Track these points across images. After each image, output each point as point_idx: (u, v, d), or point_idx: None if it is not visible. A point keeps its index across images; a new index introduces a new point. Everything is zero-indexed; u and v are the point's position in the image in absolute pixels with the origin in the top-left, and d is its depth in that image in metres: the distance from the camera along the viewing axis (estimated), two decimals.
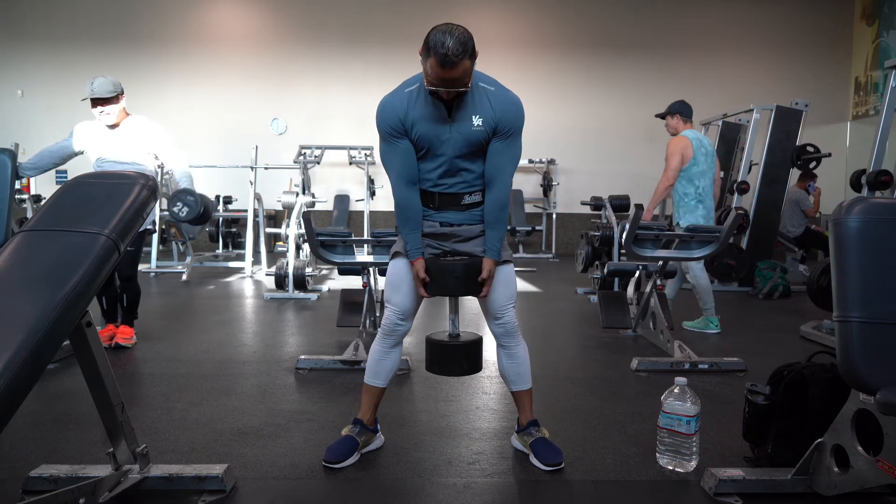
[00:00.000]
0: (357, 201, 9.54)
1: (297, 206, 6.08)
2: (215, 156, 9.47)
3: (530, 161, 9.69)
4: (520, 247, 9.65)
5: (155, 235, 7.31)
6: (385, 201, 9.62)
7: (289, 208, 6.38)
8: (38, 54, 9.80)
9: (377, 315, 3.96)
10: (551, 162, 9.78)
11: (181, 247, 7.61)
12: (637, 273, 4.53)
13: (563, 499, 1.98)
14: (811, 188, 7.13)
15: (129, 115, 3.66)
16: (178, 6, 9.88)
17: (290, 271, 5.55)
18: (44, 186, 9.21)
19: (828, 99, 9.93)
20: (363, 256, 3.64)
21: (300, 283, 5.58)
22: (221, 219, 8.94)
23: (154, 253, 7.38)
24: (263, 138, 9.21)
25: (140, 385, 3.11)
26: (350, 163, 8.41)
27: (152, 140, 3.66)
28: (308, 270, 5.67)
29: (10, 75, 9.84)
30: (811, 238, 7.16)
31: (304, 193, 6.93)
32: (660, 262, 3.78)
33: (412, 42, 9.34)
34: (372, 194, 8.37)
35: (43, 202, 2.86)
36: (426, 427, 2.51)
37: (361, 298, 3.72)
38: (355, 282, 3.94)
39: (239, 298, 5.80)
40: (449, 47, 1.81)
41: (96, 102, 3.49)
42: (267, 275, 6.82)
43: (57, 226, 1.68)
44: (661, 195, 4.45)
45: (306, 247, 6.45)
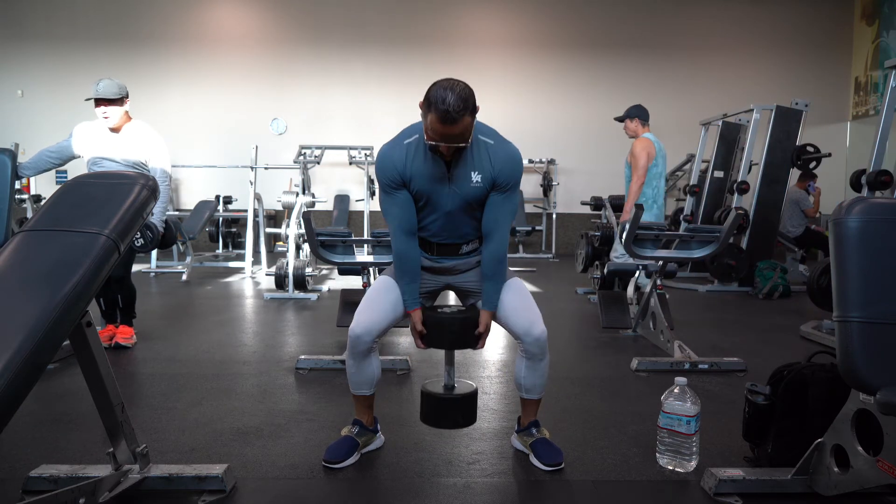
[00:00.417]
0: (357, 201, 9.53)
1: (297, 206, 6.08)
2: (215, 156, 9.49)
3: (530, 161, 9.69)
4: (520, 247, 9.65)
5: None
6: None
7: (289, 208, 6.38)
8: (38, 54, 9.80)
9: None
10: (551, 162, 9.78)
11: (181, 247, 7.61)
12: (637, 273, 4.53)
13: (563, 499, 1.98)
14: (811, 188, 7.13)
15: (132, 120, 3.65)
16: (178, 6, 9.88)
17: (290, 271, 5.56)
18: (44, 186, 9.21)
19: (828, 99, 9.93)
20: (363, 256, 3.64)
21: (300, 283, 5.58)
22: (221, 219, 8.95)
23: (154, 253, 7.38)
24: (263, 138, 9.21)
25: (140, 385, 3.11)
26: (350, 163, 8.41)
27: (149, 147, 3.63)
28: (308, 270, 5.67)
29: (10, 75, 9.84)
30: (811, 238, 7.16)
31: (304, 193, 6.92)
32: (659, 262, 3.78)
33: (412, 42, 9.38)
34: (372, 194, 8.36)
35: (43, 202, 2.86)
36: (426, 427, 2.50)
37: (361, 299, 3.71)
38: (355, 282, 3.94)
39: (239, 298, 5.80)
40: (450, 104, 1.80)
41: (99, 102, 3.49)
42: (267, 275, 6.82)
43: (57, 226, 1.68)
44: (636, 195, 4.66)
45: (306, 247, 6.45)
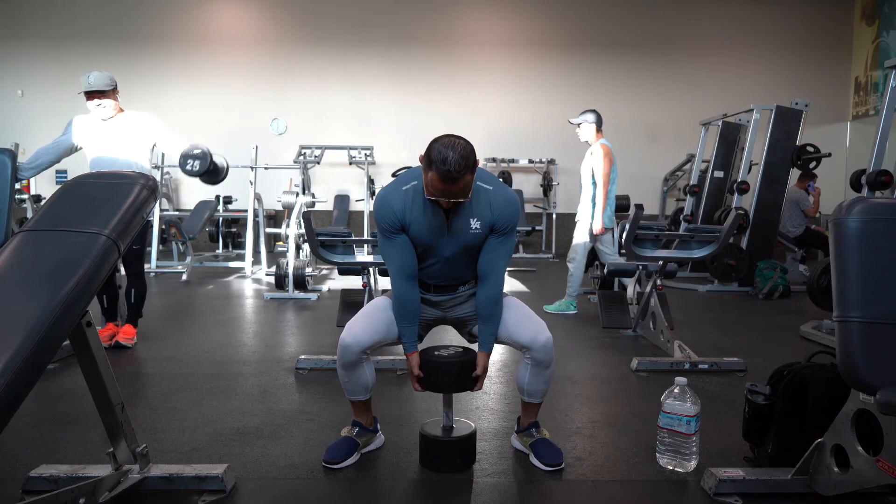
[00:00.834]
0: (357, 201, 9.54)
1: (297, 206, 6.08)
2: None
3: (530, 161, 9.70)
4: (520, 247, 9.65)
5: (155, 234, 7.32)
6: None
7: (289, 208, 6.38)
8: (38, 54, 9.80)
9: None
10: (551, 162, 9.78)
11: (181, 247, 7.61)
12: (637, 273, 4.53)
13: (563, 499, 1.98)
14: (811, 188, 7.13)
15: (124, 111, 3.66)
16: (178, 6, 9.88)
17: (290, 271, 5.55)
18: (44, 186, 9.22)
19: (828, 99, 9.93)
20: (363, 256, 3.64)
21: (300, 283, 5.58)
22: (221, 219, 8.95)
23: (154, 253, 7.38)
24: (263, 138, 9.21)
25: (140, 385, 3.11)
26: (350, 163, 8.41)
27: (149, 131, 3.66)
28: (308, 270, 5.67)
29: (10, 75, 9.84)
30: (811, 238, 7.16)
31: (304, 193, 6.92)
32: (659, 262, 3.78)
33: (412, 42, 9.35)
34: (372, 194, 8.37)
35: (43, 202, 2.86)
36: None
37: (361, 298, 3.72)
38: (355, 282, 3.94)
39: (239, 298, 5.80)
40: (451, 163, 1.81)
41: (92, 95, 3.50)
42: (267, 275, 6.82)
43: (57, 226, 1.68)
44: (605, 201, 5.00)
45: (306, 247, 6.45)
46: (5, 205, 2.99)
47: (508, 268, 2.03)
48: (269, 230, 7.87)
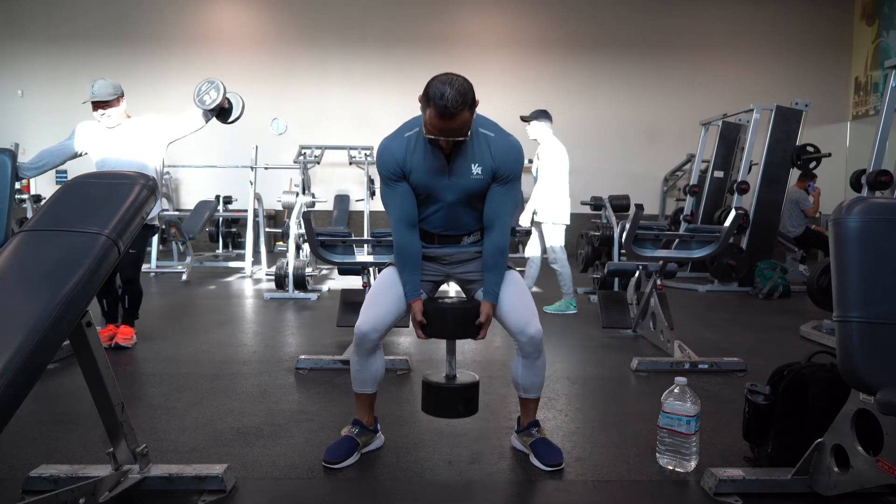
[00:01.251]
0: (357, 201, 9.53)
1: (297, 206, 6.08)
2: (215, 156, 9.47)
3: (530, 161, 9.66)
4: (520, 247, 9.64)
5: (155, 235, 7.31)
6: None
7: (289, 208, 6.38)
8: (38, 54, 9.80)
9: None
10: None
11: (181, 247, 7.61)
12: (637, 273, 4.53)
13: (563, 499, 1.98)
14: (811, 188, 7.13)
15: (130, 118, 3.66)
16: (178, 6, 9.88)
17: (290, 271, 5.56)
18: (44, 186, 9.21)
19: (828, 99, 9.92)
20: (363, 256, 3.64)
21: (300, 283, 5.58)
22: (221, 219, 8.95)
23: (154, 253, 7.38)
24: (263, 138, 9.20)
25: (140, 385, 3.11)
26: (350, 163, 8.40)
27: (159, 130, 3.65)
28: (308, 270, 5.67)
29: (10, 75, 9.84)
30: (811, 238, 7.16)
31: (304, 193, 6.92)
32: (659, 262, 3.78)
33: (412, 42, 9.35)
34: (372, 194, 8.36)
35: (43, 202, 2.86)
36: (426, 427, 2.51)
37: (361, 298, 3.71)
38: (355, 282, 3.94)
39: (239, 298, 5.80)
40: (448, 98, 1.81)
41: (97, 105, 3.49)
42: (267, 275, 6.82)
43: (57, 226, 1.68)
44: (552, 194, 5.05)
45: (306, 247, 6.45)
46: (5, 205, 2.99)
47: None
48: (269, 230, 7.86)
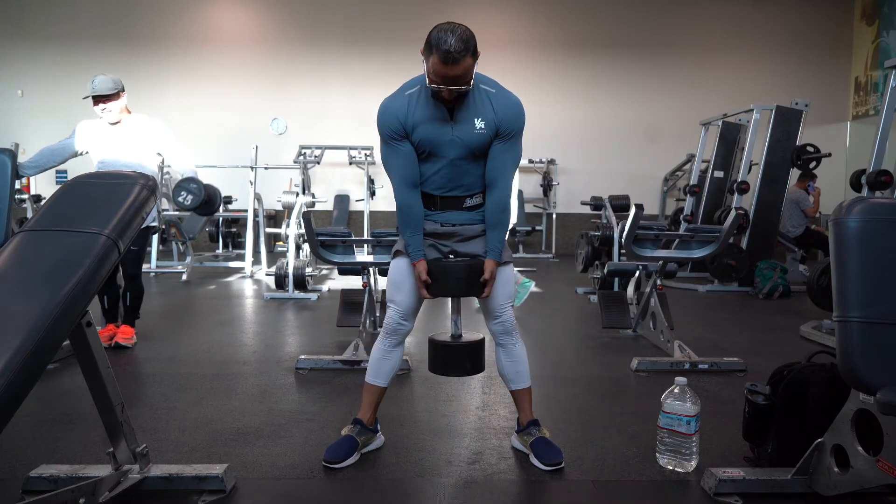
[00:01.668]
0: (357, 201, 9.53)
1: (297, 206, 6.08)
2: (215, 156, 9.45)
3: (530, 161, 9.69)
4: (520, 247, 9.65)
5: (155, 235, 7.31)
6: (385, 201, 9.63)
7: (289, 208, 6.38)
8: (38, 54, 9.80)
9: (377, 315, 3.96)
10: (551, 162, 9.78)
11: (181, 247, 7.61)
12: (637, 273, 4.53)
13: (563, 499, 1.98)
14: (811, 188, 7.13)
15: (131, 114, 3.66)
16: (178, 6, 9.88)
17: (290, 271, 5.56)
18: (44, 186, 9.22)
19: (828, 99, 9.92)
20: (363, 256, 3.64)
21: (300, 283, 5.58)
22: (221, 219, 8.95)
23: (154, 253, 7.38)
24: (263, 138, 9.20)
25: (140, 385, 3.11)
26: (350, 163, 8.41)
27: (157, 139, 3.66)
28: (308, 270, 5.67)
29: (10, 75, 9.83)
30: (811, 238, 7.16)
31: (304, 193, 6.92)
32: (659, 262, 3.79)
33: (412, 42, 9.34)
34: (372, 194, 8.36)
35: (43, 202, 2.86)
36: (426, 427, 2.51)
37: (361, 298, 3.72)
38: (355, 282, 3.94)
39: (239, 298, 5.80)
40: (451, 44, 1.82)
41: (98, 100, 3.49)
42: (267, 275, 6.82)
43: (57, 226, 1.68)
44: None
45: (306, 247, 6.45)
46: (5, 205, 2.99)
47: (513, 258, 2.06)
48: (269, 230, 7.86)
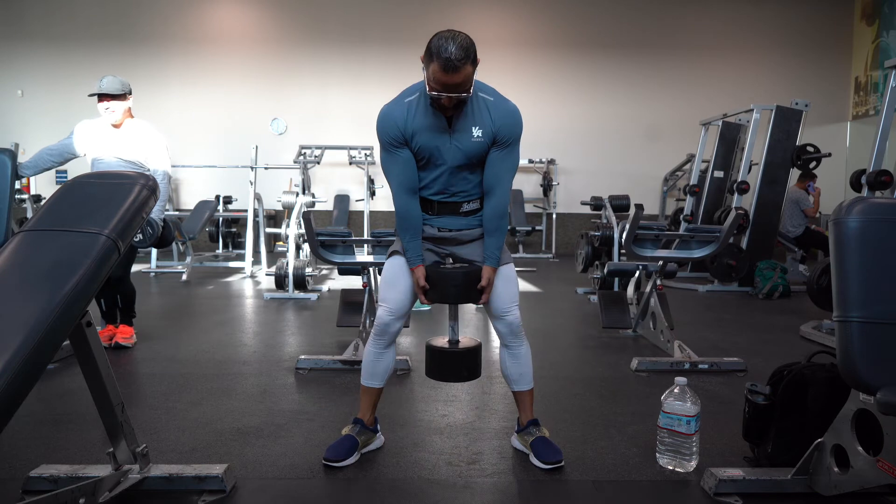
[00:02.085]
0: (357, 201, 9.54)
1: (297, 206, 6.08)
2: (215, 156, 9.49)
3: (530, 161, 9.70)
4: (520, 247, 9.65)
5: None
6: (385, 201, 9.63)
7: (289, 208, 6.38)
8: (38, 54, 9.80)
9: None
10: (551, 162, 9.78)
11: (181, 247, 7.60)
12: (637, 273, 4.53)
13: (563, 499, 1.98)
14: (811, 188, 7.13)
15: (134, 118, 3.65)
16: (178, 6, 9.88)
17: (290, 271, 5.55)
18: (44, 186, 9.22)
19: (828, 99, 9.93)
20: (363, 256, 3.64)
21: (300, 283, 5.58)
22: (221, 219, 8.95)
23: (154, 253, 7.38)
24: (263, 138, 9.21)
25: (140, 385, 3.11)
26: (350, 163, 8.41)
27: (148, 146, 3.61)
28: (308, 270, 5.67)
29: (10, 75, 9.83)
30: (811, 238, 7.16)
31: (304, 193, 6.92)
32: (660, 262, 3.79)
33: (412, 42, 9.39)
34: (372, 194, 8.36)
35: (43, 202, 2.86)
36: (426, 427, 2.51)
37: (361, 298, 3.72)
38: (355, 282, 3.94)
39: (239, 298, 5.80)
40: (451, 52, 1.83)
41: (102, 98, 3.48)
42: (267, 275, 6.82)
43: (57, 226, 1.68)
44: None
45: (306, 247, 6.45)
46: (5, 205, 2.99)
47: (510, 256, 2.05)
48: (269, 230, 7.86)
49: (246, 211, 7.63)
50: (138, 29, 9.81)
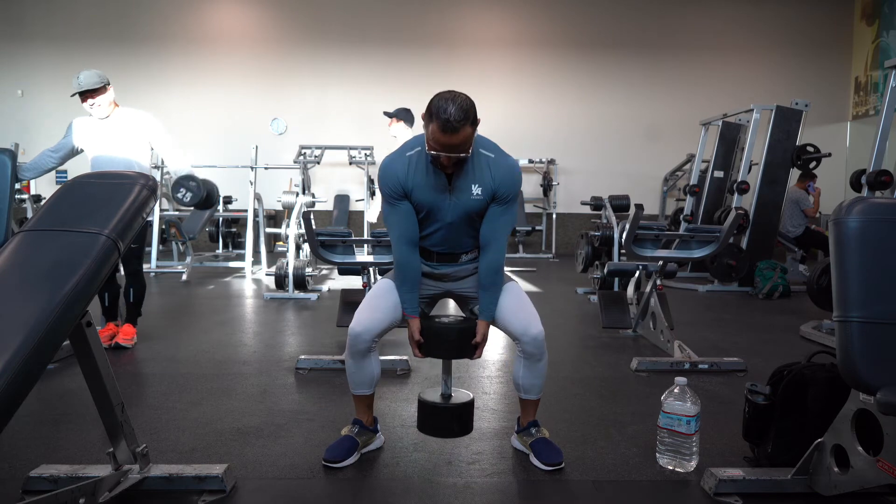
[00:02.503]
0: (357, 201, 9.54)
1: (297, 206, 6.08)
2: (215, 156, 9.46)
3: (530, 161, 9.70)
4: (520, 247, 9.65)
5: (155, 234, 7.31)
6: None
7: (289, 208, 6.38)
8: (38, 54, 9.80)
9: None
10: (551, 162, 9.78)
11: (181, 247, 7.61)
12: (637, 273, 4.53)
13: (563, 499, 1.98)
14: (811, 188, 7.13)
15: (119, 107, 3.65)
16: (178, 6, 9.88)
17: (290, 271, 5.55)
18: (44, 186, 9.21)
19: (828, 99, 9.93)
20: (363, 256, 3.64)
21: (300, 283, 5.58)
22: (221, 219, 8.95)
23: (154, 253, 7.38)
24: (263, 138, 9.21)
25: (140, 385, 3.11)
26: (350, 163, 8.40)
27: (147, 132, 3.63)
28: (308, 270, 5.67)
29: (10, 75, 9.84)
30: (811, 238, 7.16)
31: (304, 193, 6.92)
32: (659, 262, 3.78)
33: (412, 42, 9.35)
34: (372, 194, 8.35)
35: (43, 202, 2.86)
36: None
37: (361, 298, 3.71)
38: (355, 282, 3.94)
39: (239, 298, 5.80)
40: (451, 114, 1.83)
41: (85, 96, 3.48)
42: (267, 275, 6.82)
43: (57, 226, 1.68)
44: None
45: (306, 247, 6.45)
46: (5, 205, 2.99)
47: (510, 268, 2.04)
48: (269, 230, 7.86)
49: (246, 211, 7.63)
50: (138, 29, 9.81)
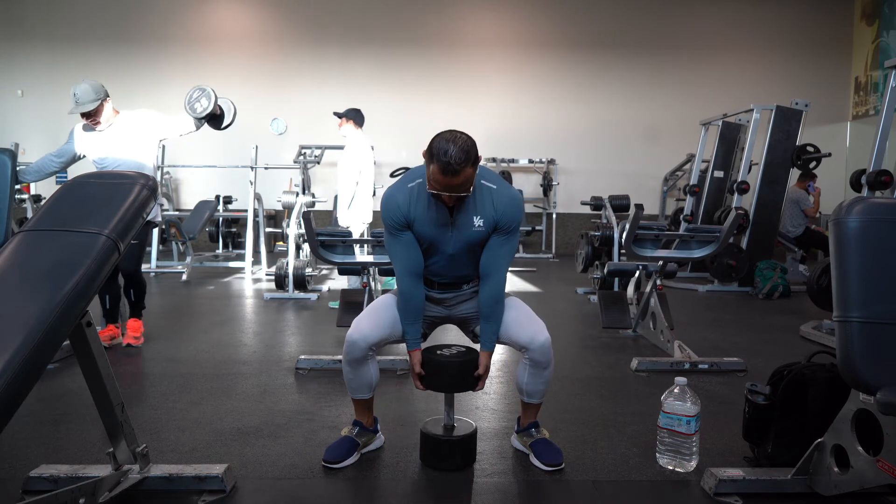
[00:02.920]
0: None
1: (297, 206, 6.08)
2: (215, 156, 9.47)
3: (530, 161, 9.70)
4: (520, 247, 9.65)
5: (155, 234, 7.31)
6: None
7: (289, 208, 6.38)
8: (38, 54, 9.80)
9: None
10: (551, 162, 9.78)
11: (181, 247, 7.60)
12: (637, 273, 4.53)
13: (563, 499, 1.98)
14: (811, 188, 7.13)
15: (119, 113, 3.65)
16: (179, 6, 9.88)
17: (290, 271, 5.55)
18: (44, 186, 9.18)
19: (828, 99, 9.92)
20: (363, 256, 3.64)
21: (300, 283, 5.58)
22: (221, 219, 8.95)
23: (154, 253, 7.38)
24: (263, 138, 9.20)
25: (140, 385, 3.11)
26: None
27: (152, 128, 3.64)
28: (308, 270, 5.67)
29: (10, 75, 9.83)
30: (811, 238, 7.16)
31: (304, 193, 6.92)
32: (659, 262, 3.78)
33: (412, 42, 9.34)
34: (372, 194, 8.35)
35: (43, 202, 2.86)
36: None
37: (361, 298, 3.72)
38: (355, 282, 3.94)
39: (239, 298, 5.80)
40: (451, 155, 1.83)
41: (84, 116, 3.48)
42: (267, 275, 6.82)
43: (57, 226, 1.68)
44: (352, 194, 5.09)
45: (306, 247, 6.45)
46: (5, 205, 2.98)
47: (510, 267, 2.05)
48: (269, 230, 7.86)
49: (246, 211, 7.63)
50: (139, 29, 9.81)
